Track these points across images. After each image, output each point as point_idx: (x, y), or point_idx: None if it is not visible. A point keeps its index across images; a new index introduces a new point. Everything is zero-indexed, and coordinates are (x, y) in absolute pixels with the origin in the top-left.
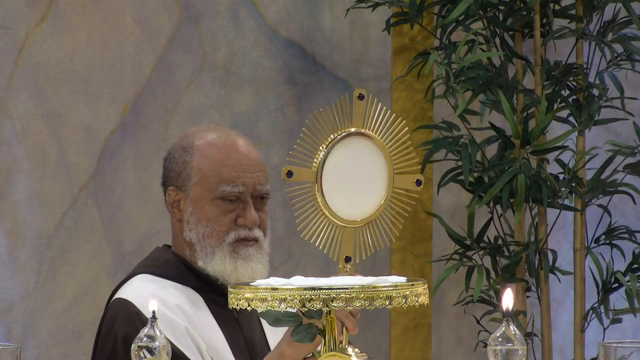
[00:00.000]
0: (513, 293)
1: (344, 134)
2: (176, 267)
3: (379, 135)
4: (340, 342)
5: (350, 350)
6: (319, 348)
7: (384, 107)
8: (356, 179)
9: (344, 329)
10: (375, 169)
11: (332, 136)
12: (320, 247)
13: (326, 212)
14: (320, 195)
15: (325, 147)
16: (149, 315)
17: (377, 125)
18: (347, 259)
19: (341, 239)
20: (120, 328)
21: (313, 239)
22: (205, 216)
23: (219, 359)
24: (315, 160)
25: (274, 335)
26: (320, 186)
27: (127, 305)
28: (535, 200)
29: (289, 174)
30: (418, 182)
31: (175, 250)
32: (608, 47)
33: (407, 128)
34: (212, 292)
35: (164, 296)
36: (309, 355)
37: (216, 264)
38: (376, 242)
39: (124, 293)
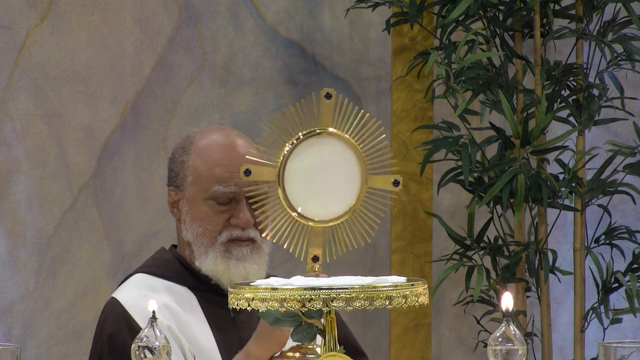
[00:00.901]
0: (513, 293)
1: (308, 133)
2: (174, 267)
3: (351, 135)
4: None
5: (318, 350)
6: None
7: (357, 107)
8: (325, 179)
9: None
10: (347, 169)
11: (299, 135)
12: (285, 247)
13: (290, 211)
14: (283, 194)
15: (288, 146)
16: (135, 315)
17: (349, 125)
18: (315, 259)
19: (308, 239)
20: (107, 327)
21: (277, 237)
22: (198, 216)
23: (205, 358)
24: (278, 159)
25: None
26: (283, 185)
27: (116, 305)
28: (535, 200)
29: (247, 172)
30: (396, 183)
31: (179, 251)
32: (608, 47)
33: (382, 128)
34: (210, 292)
35: (153, 296)
36: (276, 355)
37: (209, 264)
38: (349, 243)
39: (117, 293)
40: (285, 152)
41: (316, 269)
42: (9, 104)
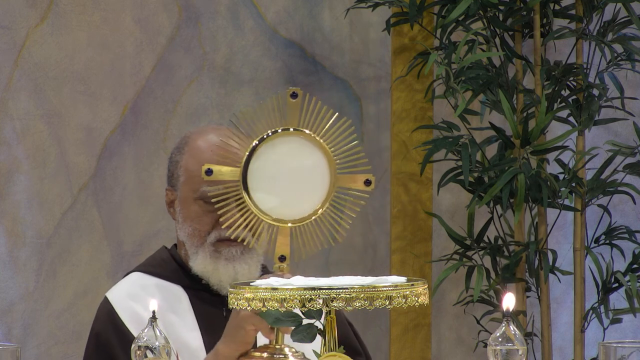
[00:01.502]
0: (513, 293)
1: (273, 132)
2: (170, 266)
3: (319, 135)
4: (272, 342)
5: (286, 350)
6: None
7: (325, 106)
8: (292, 179)
9: (276, 328)
10: (314, 169)
11: (262, 135)
12: (251, 246)
13: (255, 211)
14: (246, 194)
15: (252, 145)
16: (122, 313)
17: (317, 125)
18: (282, 258)
19: (275, 238)
20: (95, 325)
21: (241, 237)
22: (189, 216)
23: (189, 356)
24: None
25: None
26: (247, 185)
27: (105, 303)
28: (535, 200)
29: (208, 172)
30: (367, 182)
31: (178, 250)
32: (608, 47)
33: (353, 127)
34: (204, 291)
35: (141, 294)
36: (243, 354)
37: (199, 264)
38: (318, 242)
39: (110, 291)
40: (248, 152)
41: (283, 269)
42: (9, 104)
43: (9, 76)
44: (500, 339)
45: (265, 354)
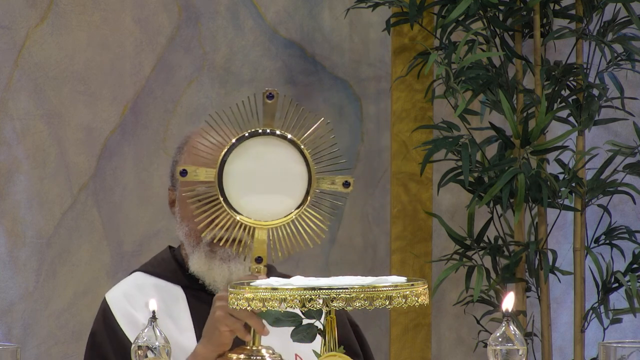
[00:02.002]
0: (514, 294)
1: (249, 134)
2: (170, 266)
3: (297, 136)
4: (249, 343)
5: (263, 351)
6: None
7: (302, 108)
8: (269, 180)
9: (253, 330)
10: (292, 170)
11: (238, 136)
12: (227, 247)
13: (230, 212)
14: (222, 195)
15: (228, 147)
16: (116, 312)
17: (295, 126)
18: (258, 260)
19: (251, 240)
20: (93, 324)
21: (217, 238)
22: (186, 216)
23: (183, 356)
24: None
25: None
26: (222, 186)
27: (103, 302)
28: (535, 200)
29: (183, 172)
30: (346, 184)
31: (180, 250)
32: (608, 47)
33: (332, 129)
34: (202, 291)
35: (136, 295)
36: (221, 355)
37: (195, 263)
38: (296, 244)
39: (109, 291)
40: (223, 154)
41: (260, 270)
42: (9, 104)
43: (9, 76)
44: (500, 339)
45: (242, 356)
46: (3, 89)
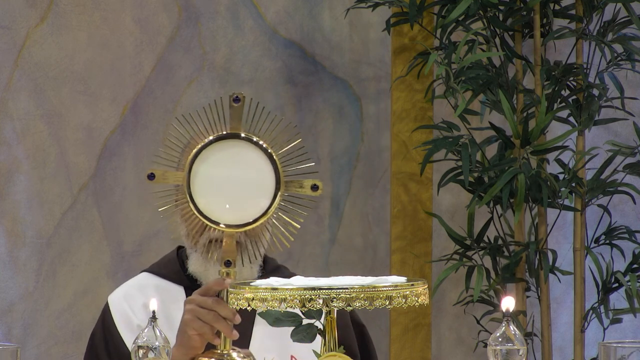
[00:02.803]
0: (513, 293)
1: (216, 137)
2: (173, 267)
3: (264, 139)
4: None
5: (234, 354)
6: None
7: (269, 111)
8: (237, 183)
9: (222, 333)
10: (260, 173)
11: (205, 140)
12: (196, 251)
13: (199, 216)
14: (189, 198)
15: (196, 150)
16: (115, 313)
17: (263, 129)
18: (227, 263)
19: (220, 243)
20: (95, 325)
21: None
22: (184, 217)
23: None
24: (184, 162)
25: (269, 336)
26: (190, 189)
27: (105, 303)
28: (535, 200)
29: (151, 176)
30: (314, 187)
31: (186, 251)
32: (608, 47)
33: (300, 132)
34: None
35: (135, 295)
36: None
37: (193, 264)
38: (267, 248)
39: (113, 291)
40: (191, 157)
41: (230, 273)
42: (9, 104)
43: (9, 76)
44: (500, 339)
45: (213, 359)
46: (3, 89)
